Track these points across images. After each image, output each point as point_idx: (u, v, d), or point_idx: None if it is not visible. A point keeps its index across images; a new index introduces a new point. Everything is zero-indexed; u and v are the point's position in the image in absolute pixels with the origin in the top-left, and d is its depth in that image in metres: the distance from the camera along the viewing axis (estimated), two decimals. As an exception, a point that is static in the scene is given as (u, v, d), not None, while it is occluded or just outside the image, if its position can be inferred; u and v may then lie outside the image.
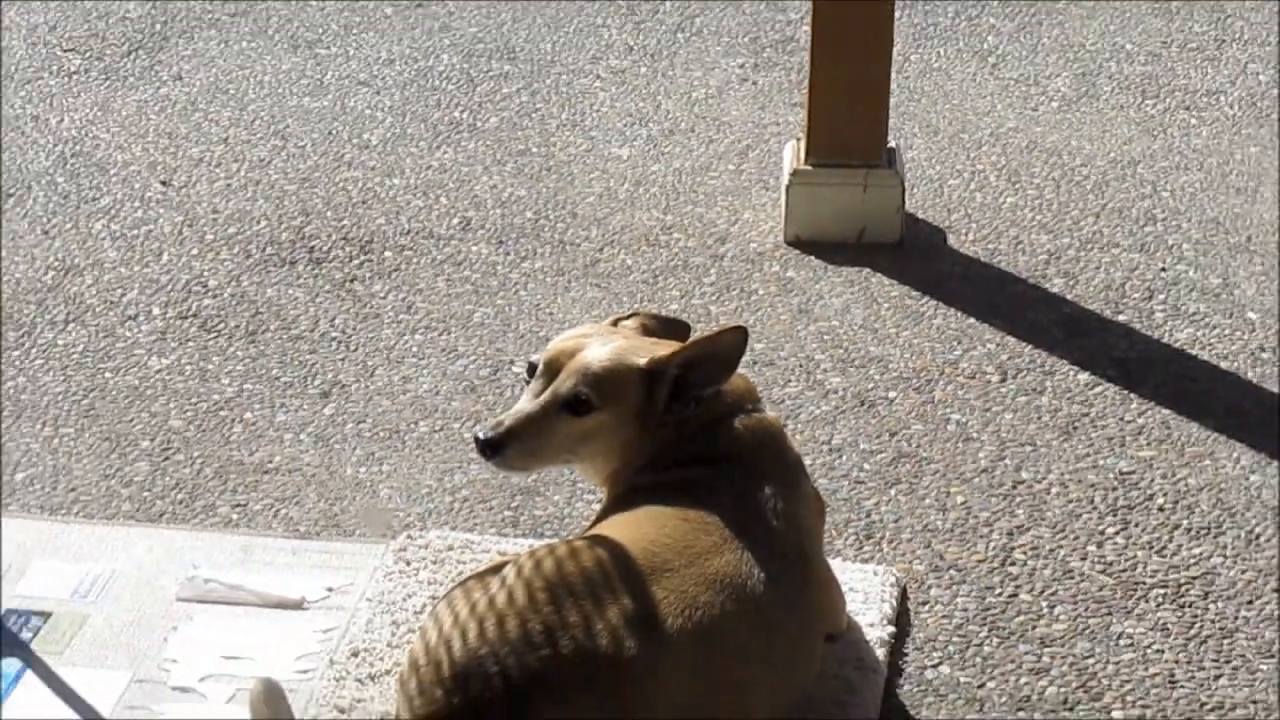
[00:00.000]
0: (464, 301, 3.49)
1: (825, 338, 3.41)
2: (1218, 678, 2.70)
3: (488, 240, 3.67)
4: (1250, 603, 2.85)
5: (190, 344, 3.39)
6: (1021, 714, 2.64)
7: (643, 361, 2.59)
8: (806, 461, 2.74)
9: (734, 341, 2.63)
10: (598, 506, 2.71)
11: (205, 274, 3.57)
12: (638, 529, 2.51)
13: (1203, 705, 2.66)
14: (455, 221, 3.71)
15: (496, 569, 2.47)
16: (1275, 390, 3.32)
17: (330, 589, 2.82)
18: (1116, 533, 2.99)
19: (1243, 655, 2.75)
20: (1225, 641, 2.78)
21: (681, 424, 2.63)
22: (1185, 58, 4.38)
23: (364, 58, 4.35)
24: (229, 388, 3.27)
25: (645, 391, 2.60)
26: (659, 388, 2.59)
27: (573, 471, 2.83)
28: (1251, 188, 3.86)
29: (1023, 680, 2.70)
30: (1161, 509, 3.03)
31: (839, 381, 3.29)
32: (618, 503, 2.63)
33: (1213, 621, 2.82)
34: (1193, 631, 2.79)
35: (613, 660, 2.34)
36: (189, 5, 4.56)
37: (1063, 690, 2.68)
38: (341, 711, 2.56)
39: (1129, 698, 2.68)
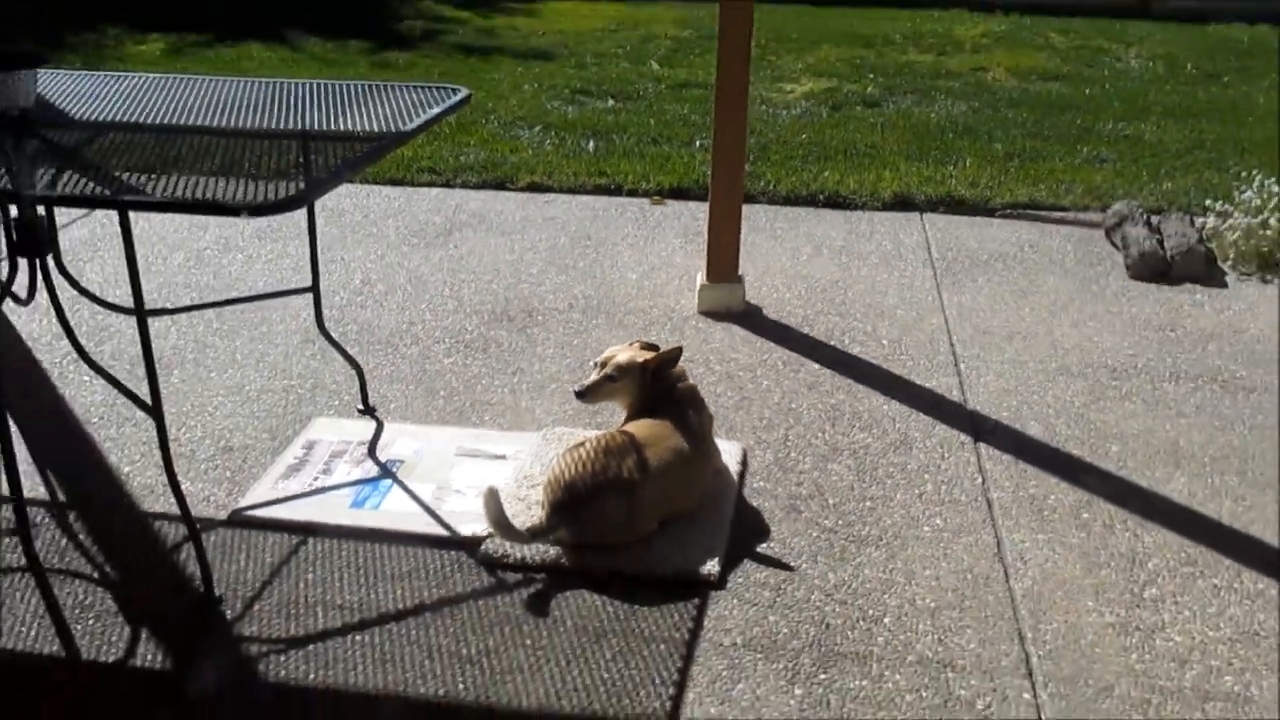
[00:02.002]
0: (570, 336, 3.46)
1: (715, 352, 3.39)
2: (884, 486, 2.70)
3: (580, 312, 3.63)
4: (904, 454, 2.84)
5: (460, 355, 3.35)
6: (793, 500, 2.62)
7: (641, 360, 2.63)
8: (707, 401, 2.75)
9: (677, 353, 2.67)
10: (620, 420, 2.70)
11: (464, 325, 3.53)
12: (639, 429, 2.55)
13: (878, 499, 2.65)
14: (566, 304, 3.69)
15: (582, 443, 2.50)
16: (894, 372, 3.28)
17: (517, 451, 2.82)
18: (831, 426, 2.97)
19: (895, 479, 2.73)
20: (892, 474, 2.76)
21: (656, 387, 2.65)
22: (858, 239, 4.33)
23: (531, 237, 4.30)
24: (473, 371, 3.25)
25: (642, 373, 2.63)
26: (647, 372, 2.63)
27: (611, 408, 2.80)
28: (892, 291, 3.83)
29: (793, 487, 2.69)
30: (858, 416, 3.01)
31: (720, 369, 3.28)
32: (630, 419, 2.66)
33: (883, 465, 2.80)
34: (876, 472, 2.77)
35: (629, 482, 2.39)
36: (458, 218, 4.52)
37: (810, 491, 2.67)
38: (520, 500, 2.56)
39: (840, 495, 2.66)
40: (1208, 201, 4.46)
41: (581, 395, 2.63)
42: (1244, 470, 2.79)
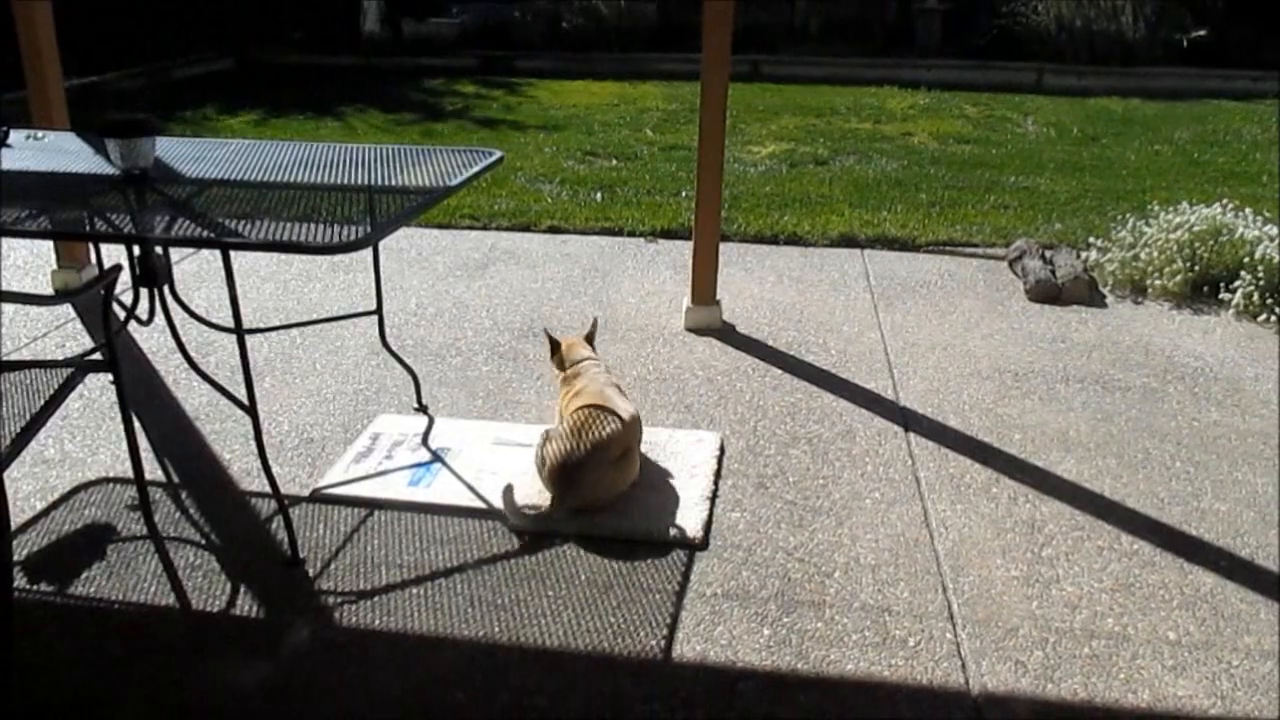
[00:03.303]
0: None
1: (698, 361, 3.37)
2: (833, 467, 2.68)
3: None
4: (849, 441, 2.83)
5: (495, 363, 3.31)
6: (761, 479, 2.61)
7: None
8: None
9: (555, 342, 2.68)
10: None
11: (498, 340, 3.50)
12: (580, 413, 2.48)
13: (828, 477, 2.63)
14: (579, 323, 3.65)
15: (548, 434, 2.46)
16: (840, 376, 3.27)
17: (533, 440, 2.77)
18: (791, 420, 2.96)
19: (842, 461, 2.72)
20: (840, 457, 2.74)
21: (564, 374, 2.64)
22: (812, 270, 4.32)
23: (549, 271, 4.27)
24: (505, 377, 3.22)
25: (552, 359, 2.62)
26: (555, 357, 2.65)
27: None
28: (839, 311, 3.82)
29: (761, 468, 2.68)
30: (812, 411, 2.99)
31: (702, 374, 3.27)
32: (563, 396, 2.61)
33: (832, 450, 2.78)
34: (828, 456, 2.76)
35: (604, 440, 2.36)
36: (492, 255, 4.48)
37: (774, 471, 2.65)
38: (539, 473, 2.50)
39: (798, 474, 2.65)
40: (1090, 239, 4.49)
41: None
42: (1121, 454, 2.80)
